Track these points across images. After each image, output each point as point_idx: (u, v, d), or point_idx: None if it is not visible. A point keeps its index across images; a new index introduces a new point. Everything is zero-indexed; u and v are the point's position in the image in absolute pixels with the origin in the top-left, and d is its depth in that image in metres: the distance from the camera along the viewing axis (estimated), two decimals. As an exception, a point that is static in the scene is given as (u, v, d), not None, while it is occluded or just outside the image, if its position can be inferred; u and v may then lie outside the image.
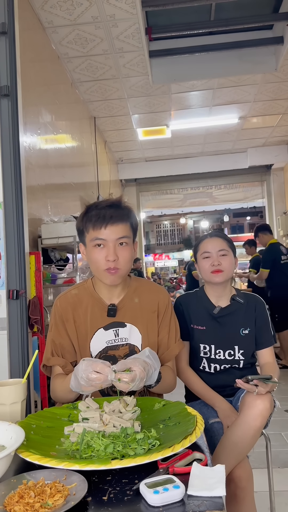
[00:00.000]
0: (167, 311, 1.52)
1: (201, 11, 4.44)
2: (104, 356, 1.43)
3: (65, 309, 1.46)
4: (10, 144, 2.50)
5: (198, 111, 6.37)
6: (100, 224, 1.35)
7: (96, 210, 1.38)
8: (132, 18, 3.90)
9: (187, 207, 14.43)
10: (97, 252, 1.37)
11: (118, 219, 1.36)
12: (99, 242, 1.36)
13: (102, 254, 1.36)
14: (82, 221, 1.41)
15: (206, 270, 1.76)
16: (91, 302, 1.46)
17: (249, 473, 1.54)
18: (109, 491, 0.84)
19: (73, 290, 1.51)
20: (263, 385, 1.43)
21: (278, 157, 8.45)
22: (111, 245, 1.35)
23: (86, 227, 1.39)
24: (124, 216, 1.38)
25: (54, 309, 1.49)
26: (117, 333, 1.44)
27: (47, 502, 0.77)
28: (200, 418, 1.08)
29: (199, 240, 1.85)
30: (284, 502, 2.20)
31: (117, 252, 1.35)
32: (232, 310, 1.79)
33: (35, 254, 2.81)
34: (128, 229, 1.39)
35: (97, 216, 1.36)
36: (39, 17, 3.79)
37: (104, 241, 1.35)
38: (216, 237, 1.80)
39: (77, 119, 5.34)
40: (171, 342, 1.51)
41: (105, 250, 1.36)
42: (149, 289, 1.53)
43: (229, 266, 1.76)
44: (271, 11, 4.49)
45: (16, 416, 1.17)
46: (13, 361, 2.45)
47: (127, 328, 1.45)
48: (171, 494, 0.78)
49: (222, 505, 0.76)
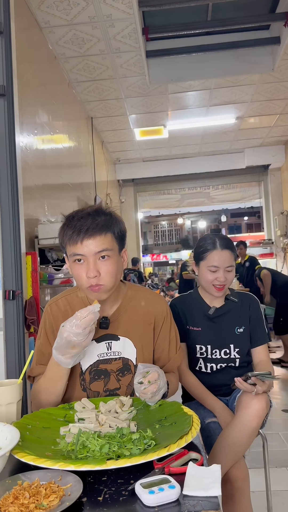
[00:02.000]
0: (166, 322, 1.43)
1: (198, 11, 4.44)
2: (95, 370, 1.35)
3: (56, 317, 1.38)
4: (6, 144, 2.50)
5: (195, 111, 6.38)
6: (76, 238, 1.22)
7: (72, 222, 1.25)
8: (129, 18, 3.89)
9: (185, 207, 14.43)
10: (78, 268, 1.25)
11: (96, 231, 1.23)
12: (78, 257, 1.24)
13: (82, 270, 1.24)
14: (61, 234, 1.29)
15: (210, 282, 1.74)
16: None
17: (245, 473, 1.54)
18: (105, 491, 0.83)
19: (65, 297, 1.42)
20: (261, 383, 1.44)
21: (275, 157, 8.47)
22: (91, 260, 1.23)
23: (64, 242, 1.28)
24: (103, 226, 1.24)
25: (45, 315, 1.41)
26: (110, 346, 1.36)
27: (42, 503, 0.77)
28: (196, 418, 1.08)
29: (206, 248, 1.77)
30: (281, 502, 2.20)
31: (98, 268, 1.23)
32: (227, 309, 1.80)
33: (32, 254, 2.80)
34: (110, 240, 1.25)
35: (73, 229, 1.23)
36: (35, 17, 3.78)
37: (83, 256, 1.23)
38: (226, 250, 1.74)
39: (74, 119, 5.33)
40: (172, 353, 1.44)
41: (85, 266, 1.24)
42: (145, 299, 1.43)
43: (232, 279, 1.77)
44: (267, 11, 4.50)
45: (11, 416, 1.16)
46: (9, 362, 2.45)
47: (120, 341, 1.37)
48: (167, 494, 0.78)
49: (217, 505, 0.76)
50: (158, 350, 1.43)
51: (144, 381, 1.16)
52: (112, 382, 1.36)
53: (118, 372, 1.37)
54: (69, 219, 1.27)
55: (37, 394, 1.33)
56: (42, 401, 1.31)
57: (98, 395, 1.36)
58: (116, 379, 1.37)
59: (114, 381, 1.36)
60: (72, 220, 1.26)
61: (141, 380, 1.17)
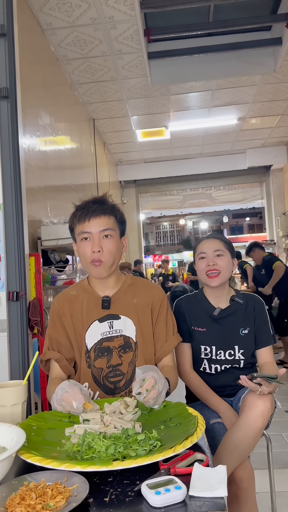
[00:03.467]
0: (163, 306, 1.56)
1: (199, 13, 4.45)
2: (99, 347, 1.47)
3: (62, 305, 1.52)
4: (10, 146, 2.50)
5: (197, 112, 6.38)
6: (84, 218, 1.43)
7: (81, 206, 1.47)
8: (130, 19, 3.90)
9: (186, 208, 14.43)
10: (84, 245, 1.44)
11: (101, 212, 1.44)
12: (85, 235, 1.43)
13: (88, 247, 1.43)
14: (71, 219, 1.49)
15: (202, 270, 1.77)
16: (86, 296, 1.52)
17: (250, 473, 1.54)
18: (111, 492, 0.83)
19: (71, 288, 1.59)
20: (267, 384, 1.43)
21: (277, 158, 8.47)
22: (96, 237, 1.42)
23: (73, 223, 1.48)
24: (107, 209, 1.46)
25: (52, 307, 1.56)
26: (112, 325, 1.49)
27: (49, 503, 0.77)
28: (201, 418, 1.08)
29: (197, 242, 1.87)
30: (285, 503, 2.19)
31: (101, 244, 1.42)
32: (232, 311, 1.79)
33: (35, 255, 2.81)
34: (112, 222, 1.46)
35: (82, 211, 1.45)
36: (38, 19, 3.79)
37: (89, 234, 1.42)
38: (213, 238, 1.81)
39: (76, 120, 5.34)
40: (169, 335, 1.55)
41: (91, 243, 1.43)
42: (144, 285, 1.59)
43: (225, 266, 1.74)
44: (269, 12, 4.50)
45: (17, 417, 1.17)
46: (13, 363, 2.45)
47: (121, 320, 1.49)
48: (173, 495, 0.78)
49: (223, 506, 0.76)
50: (156, 332, 1.54)
51: (141, 391, 1.18)
52: (114, 358, 1.47)
53: (120, 348, 1.48)
54: (79, 206, 1.48)
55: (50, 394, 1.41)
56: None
57: (101, 371, 1.46)
58: (118, 355, 1.47)
59: (116, 357, 1.47)
60: (81, 205, 1.48)
61: (138, 391, 1.18)
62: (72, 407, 1.15)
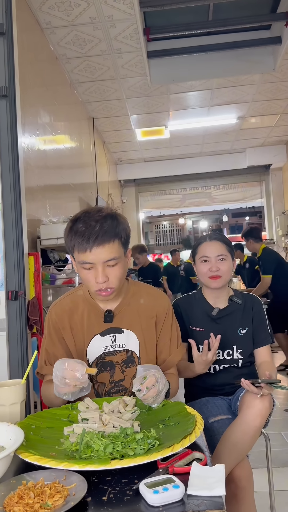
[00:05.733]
0: (168, 317, 1.47)
1: (199, 12, 4.44)
2: (102, 362, 1.40)
3: (61, 317, 1.41)
4: (9, 145, 2.50)
5: (197, 111, 6.38)
6: (85, 247, 1.24)
7: (80, 228, 1.26)
8: (130, 18, 3.90)
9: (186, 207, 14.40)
10: (86, 273, 1.29)
11: (104, 239, 1.24)
12: (86, 266, 1.28)
13: (91, 275, 1.28)
14: (68, 239, 1.30)
15: (204, 274, 1.76)
16: (87, 308, 1.42)
17: (249, 472, 1.54)
18: (109, 491, 0.84)
19: (67, 297, 1.46)
20: (267, 387, 1.44)
21: (276, 157, 8.46)
22: (100, 267, 1.27)
23: (71, 248, 1.30)
24: (111, 233, 1.25)
25: (48, 318, 1.44)
26: (114, 339, 1.41)
27: (47, 502, 0.77)
28: (199, 417, 1.08)
29: (198, 242, 1.83)
30: (284, 502, 2.20)
31: (106, 273, 1.27)
32: (230, 311, 1.79)
33: (34, 255, 2.81)
34: (117, 247, 1.28)
35: (81, 237, 1.25)
36: (37, 18, 3.79)
37: (92, 264, 1.27)
38: (215, 241, 1.78)
39: (75, 119, 5.34)
40: (172, 348, 1.47)
41: (94, 272, 1.28)
42: (148, 294, 1.47)
43: (227, 270, 1.75)
44: (269, 11, 4.49)
45: (15, 417, 1.17)
46: (13, 362, 2.45)
47: (124, 334, 1.41)
48: (171, 493, 0.78)
49: (222, 505, 0.76)
50: (160, 344, 1.46)
51: (142, 388, 1.17)
52: (117, 373, 1.41)
53: (122, 363, 1.41)
54: (75, 224, 1.28)
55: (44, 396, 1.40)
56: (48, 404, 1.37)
57: (104, 386, 1.41)
58: (121, 371, 1.41)
59: (119, 372, 1.41)
60: (79, 225, 1.26)
61: (138, 387, 1.17)
62: (77, 379, 1.13)
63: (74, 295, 1.46)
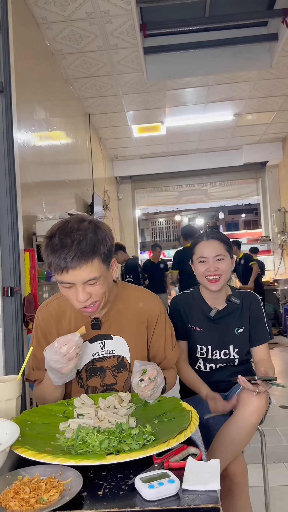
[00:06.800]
0: (160, 321, 1.41)
1: (195, 8, 4.43)
2: (91, 368, 1.36)
3: (48, 323, 1.37)
4: (4, 141, 2.49)
5: (193, 108, 6.37)
6: (61, 268, 1.15)
7: (56, 246, 1.15)
8: (126, 14, 3.88)
9: (182, 204, 14.39)
10: (66, 291, 1.21)
11: (82, 260, 1.14)
12: (66, 285, 1.20)
13: (71, 294, 1.21)
14: (44, 255, 1.20)
15: (202, 274, 1.72)
16: (73, 314, 1.37)
17: (244, 468, 1.55)
18: (104, 486, 0.84)
19: (55, 301, 1.41)
20: (265, 385, 1.44)
21: (272, 154, 8.47)
22: (80, 287, 1.18)
23: (48, 265, 1.20)
24: (89, 253, 1.15)
25: (36, 322, 1.40)
26: (103, 345, 1.37)
27: (42, 497, 0.78)
28: (195, 413, 1.09)
29: (195, 242, 1.78)
30: (278, 497, 2.21)
31: (88, 291, 1.20)
32: (229, 311, 1.77)
33: (30, 251, 2.80)
34: (97, 265, 1.17)
35: (57, 257, 1.15)
36: (33, 13, 3.76)
37: (71, 284, 1.19)
38: (213, 240, 1.73)
39: (71, 116, 5.32)
40: (167, 351, 1.43)
41: (74, 291, 1.20)
42: (138, 297, 1.41)
43: (226, 270, 1.70)
44: (265, 8, 4.49)
45: (11, 412, 1.17)
46: (8, 358, 2.45)
47: (113, 341, 1.37)
48: (166, 488, 0.78)
49: (216, 499, 0.76)
50: (154, 348, 1.42)
51: (144, 378, 1.16)
52: (108, 377, 1.38)
53: (113, 368, 1.37)
54: (51, 240, 1.17)
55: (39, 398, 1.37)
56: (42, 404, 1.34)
57: (95, 390, 1.38)
58: (112, 375, 1.38)
59: (110, 376, 1.38)
60: (55, 242, 1.16)
61: (141, 377, 1.17)
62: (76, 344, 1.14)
63: (61, 299, 1.39)
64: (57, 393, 1.31)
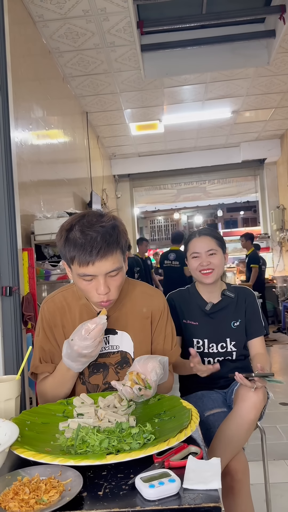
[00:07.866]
0: (162, 317, 1.43)
1: (192, 5, 4.42)
2: (94, 363, 1.36)
3: (53, 314, 1.38)
4: (2, 140, 2.48)
5: (191, 105, 6.36)
6: (87, 261, 1.17)
7: (79, 240, 1.18)
8: (123, 11, 3.87)
9: (181, 202, 14.37)
10: (86, 284, 1.23)
11: (107, 251, 1.18)
12: (87, 278, 1.21)
13: (91, 287, 1.23)
14: (65, 250, 1.22)
15: (195, 269, 1.79)
16: (79, 307, 1.37)
17: (245, 465, 1.55)
18: (105, 486, 0.83)
19: (60, 293, 1.42)
20: (261, 380, 1.44)
21: (271, 151, 8.46)
22: (101, 279, 1.21)
23: (69, 259, 1.22)
24: (114, 244, 1.19)
25: (41, 314, 1.41)
26: (107, 340, 1.37)
27: (42, 498, 0.77)
28: (195, 411, 1.08)
29: (188, 239, 1.87)
30: (279, 494, 2.21)
31: (108, 284, 1.22)
32: (223, 305, 1.82)
33: (28, 250, 2.79)
34: (119, 257, 1.22)
35: (82, 250, 1.17)
36: (29, 11, 3.74)
37: (93, 276, 1.21)
38: (205, 236, 1.81)
39: (69, 114, 5.30)
40: (167, 349, 1.43)
41: (95, 283, 1.22)
42: (143, 293, 1.43)
43: (219, 264, 1.77)
44: (262, 4, 4.47)
45: (10, 412, 1.16)
46: (7, 358, 2.44)
47: (118, 335, 1.37)
48: (167, 487, 0.78)
49: (217, 498, 0.76)
50: (154, 344, 1.43)
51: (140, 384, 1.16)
52: (111, 375, 1.37)
53: (116, 365, 1.37)
54: (71, 233, 1.20)
55: (44, 393, 1.36)
56: (49, 399, 1.33)
57: (97, 388, 1.37)
58: (115, 372, 1.38)
59: (112, 374, 1.37)
60: (77, 235, 1.19)
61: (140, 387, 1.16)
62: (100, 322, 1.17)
63: (67, 291, 1.41)
64: (73, 382, 1.32)
